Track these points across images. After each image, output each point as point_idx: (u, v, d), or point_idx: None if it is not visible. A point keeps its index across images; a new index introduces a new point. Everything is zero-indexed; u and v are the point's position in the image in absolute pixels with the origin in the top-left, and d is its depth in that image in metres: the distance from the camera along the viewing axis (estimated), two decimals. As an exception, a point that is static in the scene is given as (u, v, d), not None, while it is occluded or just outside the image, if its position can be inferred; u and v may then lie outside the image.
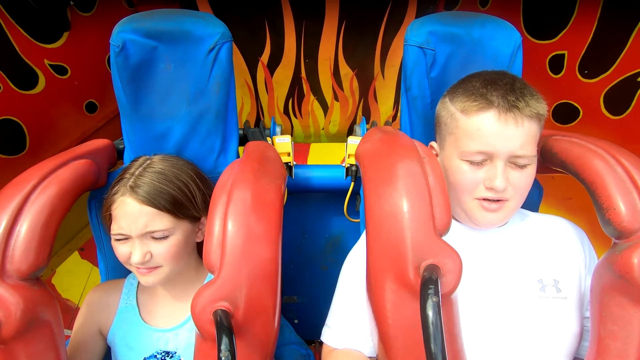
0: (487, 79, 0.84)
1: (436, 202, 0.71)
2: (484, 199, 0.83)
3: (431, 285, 0.57)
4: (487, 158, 0.81)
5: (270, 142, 1.25)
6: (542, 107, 0.82)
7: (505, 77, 0.84)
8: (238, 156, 1.15)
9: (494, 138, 0.79)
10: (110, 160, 1.05)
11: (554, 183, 1.05)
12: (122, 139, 1.10)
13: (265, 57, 1.94)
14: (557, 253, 0.88)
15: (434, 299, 0.55)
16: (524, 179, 0.82)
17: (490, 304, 0.82)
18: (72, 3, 1.52)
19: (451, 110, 0.86)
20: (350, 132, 2.47)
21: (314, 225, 1.44)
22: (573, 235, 0.91)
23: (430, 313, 0.54)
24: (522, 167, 0.81)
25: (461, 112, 0.83)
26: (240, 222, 0.71)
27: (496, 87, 0.81)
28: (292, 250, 1.45)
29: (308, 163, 1.89)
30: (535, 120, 0.81)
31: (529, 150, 0.80)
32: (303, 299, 1.53)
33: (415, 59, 1.05)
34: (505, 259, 0.87)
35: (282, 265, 0.76)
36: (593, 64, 1.50)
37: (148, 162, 0.93)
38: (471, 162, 0.82)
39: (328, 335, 0.90)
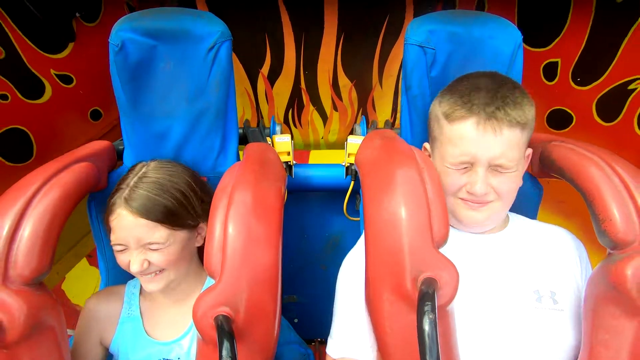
0: (474, 85, 0.85)
1: (434, 213, 0.71)
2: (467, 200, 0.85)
3: (428, 301, 0.58)
4: (469, 165, 0.83)
5: (270, 142, 1.25)
6: (525, 115, 0.82)
7: (493, 83, 0.84)
8: (238, 155, 1.15)
9: (474, 146, 0.81)
10: (110, 162, 1.05)
11: (549, 187, 1.06)
12: (122, 140, 1.10)
13: (265, 69, 1.94)
14: (555, 264, 0.88)
15: (431, 316, 0.56)
16: (507, 183, 0.83)
17: (486, 313, 0.82)
18: (78, 15, 1.52)
19: (438, 114, 0.88)
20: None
21: (314, 224, 1.44)
22: (572, 247, 0.91)
23: (426, 327, 0.55)
24: (504, 172, 0.82)
25: (445, 117, 0.86)
26: (240, 226, 0.72)
27: (479, 94, 0.82)
28: (291, 250, 1.45)
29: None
30: (517, 128, 0.81)
31: (510, 158, 0.81)
32: (303, 299, 1.54)
33: (416, 58, 1.04)
34: (501, 268, 0.87)
35: (282, 265, 0.77)
36: (586, 71, 1.51)
37: (144, 170, 0.92)
38: (455, 168, 0.85)
39: (331, 346, 0.88)
